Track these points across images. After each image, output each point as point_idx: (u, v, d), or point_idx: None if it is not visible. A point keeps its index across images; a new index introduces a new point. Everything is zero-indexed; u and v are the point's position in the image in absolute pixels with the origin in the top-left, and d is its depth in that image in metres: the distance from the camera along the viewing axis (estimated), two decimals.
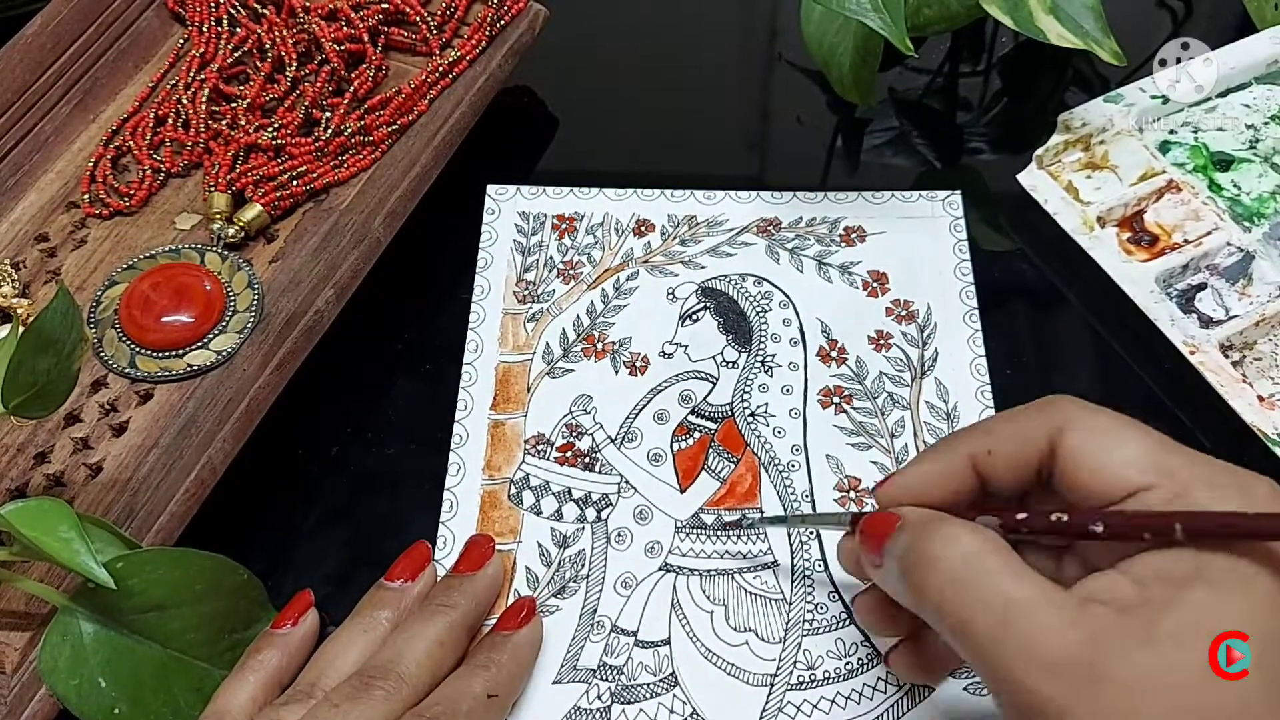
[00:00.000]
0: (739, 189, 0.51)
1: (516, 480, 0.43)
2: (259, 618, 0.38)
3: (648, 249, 0.49)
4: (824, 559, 0.41)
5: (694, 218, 0.50)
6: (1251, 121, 0.52)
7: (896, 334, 0.46)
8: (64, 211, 0.47)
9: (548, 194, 0.51)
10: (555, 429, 0.44)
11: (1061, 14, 0.45)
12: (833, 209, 0.50)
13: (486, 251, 0.49)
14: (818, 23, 0.51)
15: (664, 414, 0.45)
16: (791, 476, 0.43)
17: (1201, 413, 0.44)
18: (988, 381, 0.45)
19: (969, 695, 0.38)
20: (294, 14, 0.51)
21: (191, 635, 0.36)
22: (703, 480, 0.43)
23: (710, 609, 0.40)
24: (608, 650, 0.39)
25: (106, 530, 0.36)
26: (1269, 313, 0.45)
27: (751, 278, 0.48)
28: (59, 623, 0.35)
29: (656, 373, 0.46)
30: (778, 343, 0.46)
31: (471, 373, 0.46)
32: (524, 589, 0.41)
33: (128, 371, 0.42)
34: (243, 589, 0.38)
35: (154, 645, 0.36)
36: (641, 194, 0.51)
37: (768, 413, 0.45)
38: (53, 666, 0.34)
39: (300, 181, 0.47)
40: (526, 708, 0.38)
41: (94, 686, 0.34)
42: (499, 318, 0.47)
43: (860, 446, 0.44)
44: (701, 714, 0.38)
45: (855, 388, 0.45)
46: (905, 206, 0.50)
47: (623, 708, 0.38)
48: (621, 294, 0.48)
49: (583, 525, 0.42)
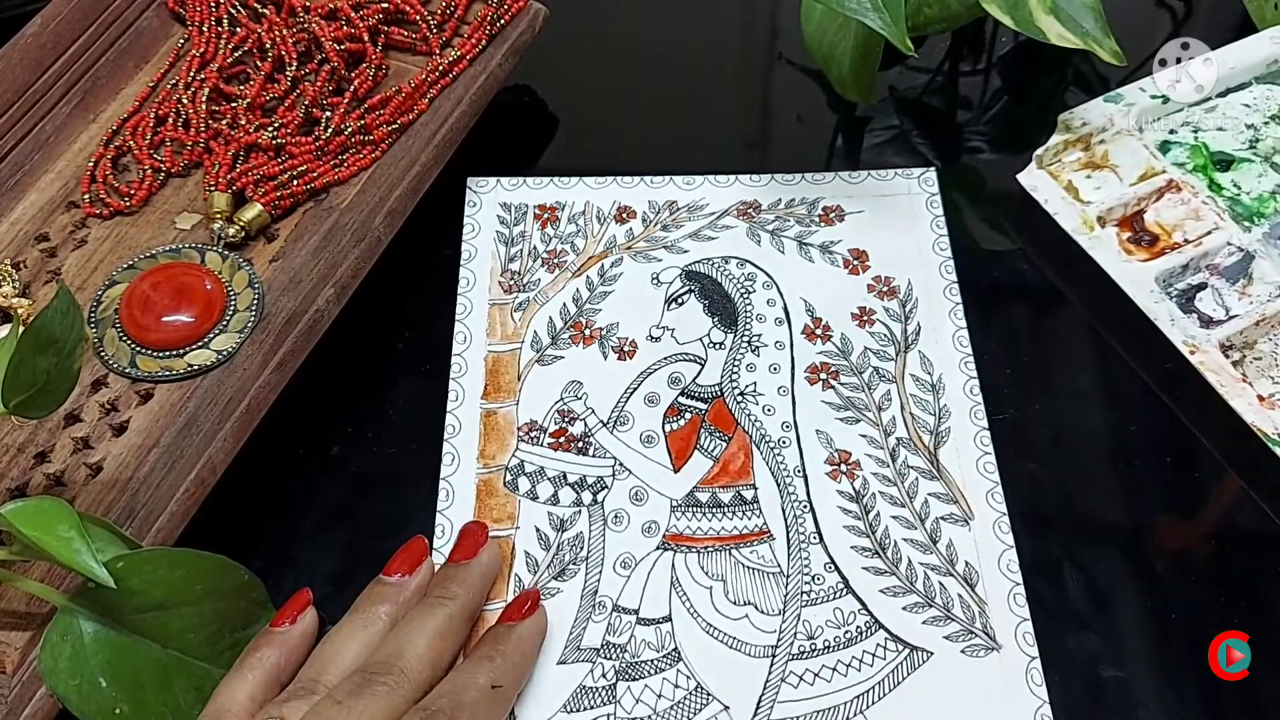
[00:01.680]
0: None
1: (511, 467, 0.44)
2: (259, 617, 0.38)
3: (630, 235, 0.50)
4: (819, 531, 0.42)
5: (674, 203, 0.51)
6: (1251, 121, 0.52)
7: (879, 310, 0.47)
8: (64, 211, 0.47)
9: (528, 184, 0.52)
10: (547, 415, 0.45)
11: (1061, 14, 0.45)
12: (811, 190, 0.51)
13: (470, 244, 0.50)
14: (818, 22, 0.51)
15: (654, 397, 0.45)
16: (783, 452, 0.44)
17: (1201, 413, 0.44)
18: (970, 353, 0.46)
19: (966, 658, 0.39)
20: (294, 13, 0.51)
21: (192, 635, 0.36)
22: (696, 459, 0.44)
23: (709, 584, 0.41)
24: (610, 629, 0.40)
25: (107, 530, 0.36)
26: (1269, 312, 0.45)
27: (734, 260, 0.49)
28: (59, 623, 0.35)
29: (645, 356, 0.46)
30: (763, 323, 0.47)
31: (461, 364, 0.46)
32: (524, 573, 0.41)
33: (128, 371, 0.42)
34: (243, 589, 0.38)
35: (154, 645, 0.36)
36: (621, 181, 0.52)
37: (756, 391, 0.45)
38: (53, 666, 0.34)
39: (300, 181, 0.47)
40: (532, 689, 0.39)
41: (94, 686, 0.34)
42: (485, 309, 0.48)
43: (849, 420, 0.44)
44: (706, 687, 0.39)
45: (841, 364, 0.46)
46: (882, 185, 0.51)
47: (628, 684, 0.39)
48: (606, 280, 0.49)
49: (579, 508, 0.43)
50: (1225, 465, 0.43)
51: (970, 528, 0.41)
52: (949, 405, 0.44)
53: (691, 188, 0.51)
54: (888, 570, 0.41)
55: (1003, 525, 0.41)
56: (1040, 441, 0.44)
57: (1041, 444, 0.44)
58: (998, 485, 0.42)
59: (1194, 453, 0.44)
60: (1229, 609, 0.40)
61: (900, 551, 0.41)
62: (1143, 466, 0.43)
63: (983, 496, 0.42)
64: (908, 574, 0.41)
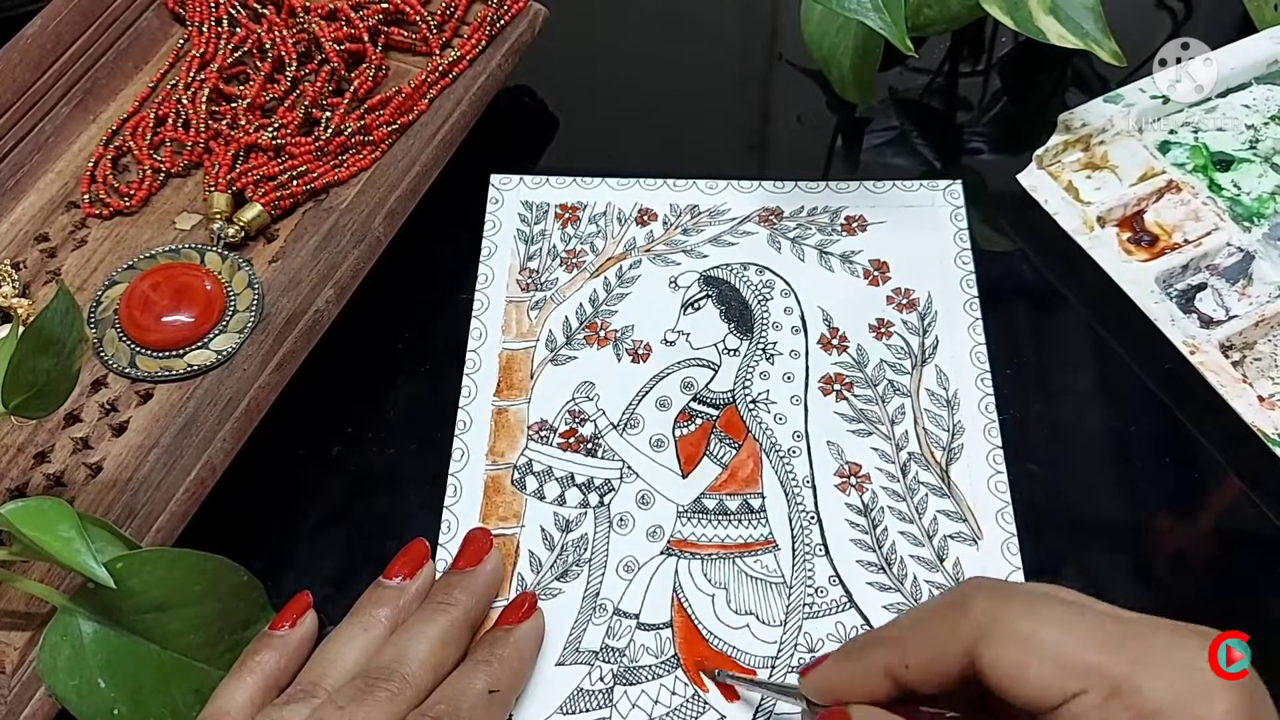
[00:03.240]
0: None
1: (520, 465, 0.44)
2: (258, 618, 0.38)
3: (650, 238, 0.50)
4: (824, 543, 0.41)
5: (696, 207, 0.51)
6: (1251, 122, 0.52)
7: (897, 322, 0.47)
8: (64, 211, 0.47)
9: (551, 183, 0.51)
10: (558, 415, 0.45)
11: (1061, 14, 0.45)
12: (834, 199, 0.51)
13: (490, 240, 0.50)
14: (818, 22, 0.51)
15: (666, 401, 0.45)
16: (793, 462, 0.43)
17: (1201, 413, 0.44)
18: (988, 369, 0.45)
19: None
20: (294, 14, 0.51)
21: (191, 636, 0.36)
22: (704, 466, 0.43)
23: (712, 592, 0.41)
24: (610, 633, 0.40)
25: (106, 530, 0.36)
26: (1269, 313, 0.45)
27: (753, 266, 0.49)
28: (59, 622, 0.34)
29: (659, 360, 0.46)
30: (779, 331, 0.47)
31: (475, 360, 0.46)
32: (527, 573, 0.41)
33: (128, 371, 0.42)
34: (242, 590, 0.38)
35: (153, 646, 0.36)
36: (644, 183, 0.51)
37: (769, 400, 0.45)
38: (52, 666, 0.34)
39: (300, 181, 0.47)
40: (530, 690, 0.38)
41: (93, 687, 0.34)
42: (502, 305, 0.48)
43: (861, 433, 0.44)
44: (703, 695, 0.38)
45: (856, 375, 0.45)
46: (906, 196, 0.50)
47: (625, 689, 0.39)
48: (624, 282, 0.48)
49: (585, 510, 0.42)
50: (1225, 465, 0.43)
51: (979, 547, 0.41)
52: (963, 421, 0.44)
53: (714, 192, 0.51)
54: (893, 587, 0.40)
55: (1011, 546, 0.41)
56: (1040, 441, 0.44)
57: (1041, 444, 0.44)
58: (1008, 505, 0.42)
59: (1194, 453, 0.44)
60: (1229, 609, 0.40)
61: (906, 568, 0.41)
62: (1142, 467, 0.43)
63: (992, 516, 0.42)
64: (912, 591, 0.40)
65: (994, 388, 0.45)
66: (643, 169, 0.52)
